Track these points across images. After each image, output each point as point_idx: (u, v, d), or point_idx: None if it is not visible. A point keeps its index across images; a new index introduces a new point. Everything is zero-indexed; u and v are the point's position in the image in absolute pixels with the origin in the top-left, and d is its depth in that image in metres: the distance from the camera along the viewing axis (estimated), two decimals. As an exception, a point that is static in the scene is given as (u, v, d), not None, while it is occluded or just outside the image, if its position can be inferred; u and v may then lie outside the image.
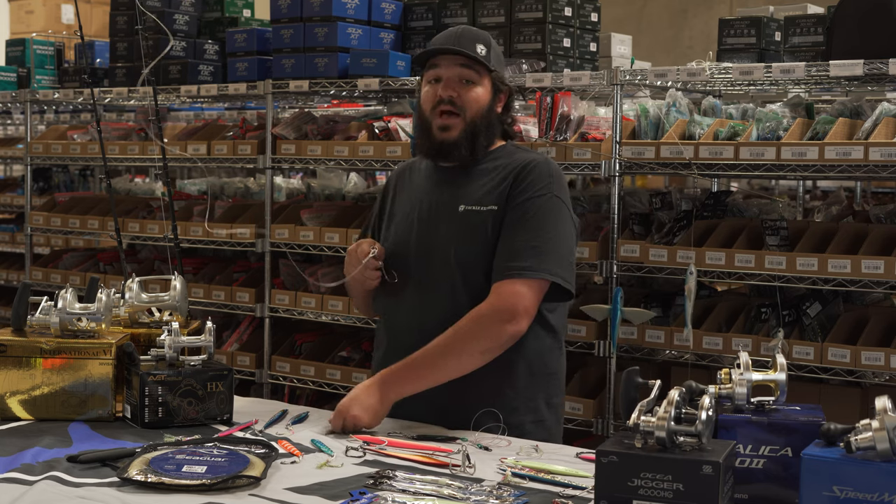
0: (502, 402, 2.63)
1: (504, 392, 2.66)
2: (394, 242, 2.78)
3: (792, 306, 3.90)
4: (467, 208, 2.69)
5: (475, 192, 2.71)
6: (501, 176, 2.70)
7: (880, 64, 3.52)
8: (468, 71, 2.69)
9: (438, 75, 2.71)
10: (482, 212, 2.67)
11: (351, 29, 4.61)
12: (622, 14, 10.40)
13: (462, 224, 2.68)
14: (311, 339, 4.92)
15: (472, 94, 2.70)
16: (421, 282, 2.71)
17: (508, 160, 2.73)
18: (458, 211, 2.69)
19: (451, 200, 2.72)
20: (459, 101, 2.68)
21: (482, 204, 2.68)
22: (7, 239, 7.07)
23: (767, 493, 1.97)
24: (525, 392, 2.69)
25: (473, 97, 2.70)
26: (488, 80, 2.72)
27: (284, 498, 2.04)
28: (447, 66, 2.70)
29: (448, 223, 2.70)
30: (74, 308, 2.59)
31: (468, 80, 2.69)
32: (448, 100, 2.68)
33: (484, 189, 2.70)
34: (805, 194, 6.38)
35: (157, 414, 2.50)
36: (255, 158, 4.82)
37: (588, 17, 4.57)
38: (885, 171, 3.54)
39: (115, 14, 5.50)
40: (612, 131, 3.95)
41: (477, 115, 2.70)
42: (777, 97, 4.93)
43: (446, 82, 2.69)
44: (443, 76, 2.70)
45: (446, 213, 2.71)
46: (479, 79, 2.70)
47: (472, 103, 2.69)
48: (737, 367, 2.05)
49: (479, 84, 2.70)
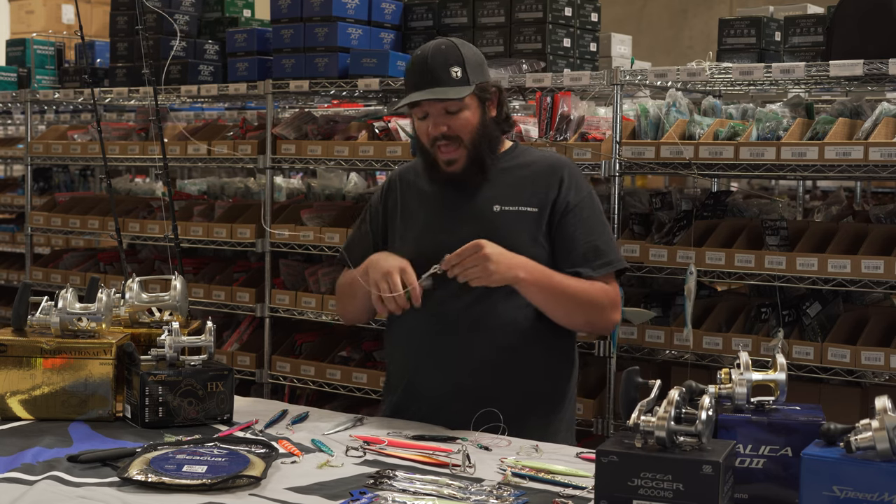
0: (554, 405, 2.75)
1: (562, 398, 2.79)
2: (420, 247, 2.73)
3: (792, 306, 3.90)
4: (504, 209, 2.70)
5: (507, 193, 2.72)
6: (532, 179, 2.74)
7: (880, 64, 3.52)
8: (450, 103, 2.68)
9: (424, 112, 2.71)
10: (522, 212, 2.70)
11: (351, 29, 4.61)
12: (622, 14, 10.40)
13: (500, 224, 2.69)
14: (311, 339, 4.92)
15: (461, 122, 2.70)
16: (461, 285, 2.64)
17: (530, 160, 2.79)
18: (492, 211, 2.70)
19: (482, 202, 2.72)
20: (452, 132, 2.69)
21: (519, 205, 2.70)
22: (7, 239, 7.07)
23: (767, 493, 1.97)
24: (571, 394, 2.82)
25: (463, 124, 2.70)
26: (472, 98, 2.71)
27: (285, 498, 2.04)
28: (427, 104, 2.70)
29: (482, 224, 2.69)
30: (75, 308, 2.59)
31: (452, 111, 2.69)
32: (441, 136, 2.69)
33: (516, 190, 2.72)
34: (805, 194, 6.39)
35: (158, 414, 2.50)
36: (256, 158, 4.82)
37: (588, 17, 4.57)
38: (884, 171, 3.54)
39: (116, 14, 5.50)
40: (612, 131, 3.95)
41: (474, 137, 2.71)
42: (777, 97, 4.93)
43: (433, 121, 2.70)
44: (428, 112, 2.70)
45: (478, 214, 2.71)
46: (462, 104, 2.69)
47: (464, 129, 2.70)
48: (737, 367, 2.05)
49: (464, 108, 2.69)
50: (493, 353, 2.67)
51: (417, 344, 2.73)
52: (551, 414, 2.75)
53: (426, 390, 2.70)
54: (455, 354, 2.68)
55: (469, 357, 2.67)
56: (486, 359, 2.67)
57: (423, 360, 2.72)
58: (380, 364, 4.61)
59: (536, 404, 2.72)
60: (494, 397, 2.61)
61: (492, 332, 2.67)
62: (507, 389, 2.67)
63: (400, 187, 2.87)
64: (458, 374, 2.67)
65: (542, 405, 2.73)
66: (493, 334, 2.67)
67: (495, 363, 2.68)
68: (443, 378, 2.68)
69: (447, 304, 2.67)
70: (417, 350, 2.73)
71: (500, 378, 2.68)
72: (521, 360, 2.70)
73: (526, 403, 2.69)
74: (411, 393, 2.74)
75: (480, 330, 2.67)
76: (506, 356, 2.68)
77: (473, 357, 2.67)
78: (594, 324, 2.77)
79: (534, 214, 2.70)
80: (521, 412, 2.65)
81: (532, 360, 2.71)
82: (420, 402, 2.70)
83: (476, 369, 2.67)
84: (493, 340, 2.67)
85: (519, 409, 2.66)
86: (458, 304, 2.67)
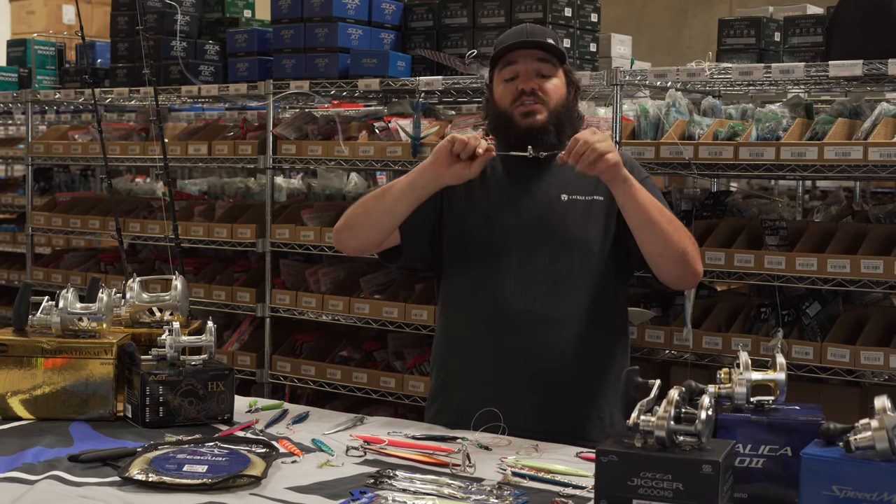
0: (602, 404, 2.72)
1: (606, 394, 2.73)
2: (482, 231, 2.70)
3: (791, 306, 3.90)
4: (571, 198, 2.70)
5: (573, 183, 2.70)
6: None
7: (879, 64, 3.52)
8: (544, 65, 2.71)
9: (515, 72, 2.71)
10: (589, 201, 2.69)
11: (351, 29, 4.61)
12: (622, 14, 10.41)
13: (568, 214, 2.68)
14: (311, 338, 4.93)
15: (551, 86, 2.71)
16: (543, 269, 2.65)
17: None
18: (560, 200, 2.69)
19: (549, 190, 2.71)
20: (541, 92, 2.69)
21: (585, 193, 2.70)
22: (8, 239, 7.07)
23: (767, 493, 1.98)
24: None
25: (553, 88, 2.71)
26: (562, 74, 2.75)
27: (285, 497, 2.04)
28: (523, 62, 2.70)
29: (549, 212, 2.68)
30: (75, 308, 2.60)
31: (544, 74, 2.71)
32: (530, 91, 2.68)
33: (581, 181, 2.68)
34: (804, 194, 6.39)
35: (158, 413, 2.51)
36: (256, 158, 4.83)
37: (588, 18, 4.57)
38: (884, 172, 3.54)
39: (116, 14, 5.50)
40: (612, 131, 3.95)
41: (558, 106, 2.71)
42: (777, 97, 4.94)
43: (524, 77, 2.70)
44: (520, 72, 2.71)
45: (545, 201, 2.70)
46: (554, 71, 2.73)
47: (552, 94, 2.71)
48: (736, 367, 2.06)
49: (556, 77, 2.73)
50: (563, 346, 2.65)
51: (480, 341, 2.69)
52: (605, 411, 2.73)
53: (491, 386, 2.66)
54: (522, 350, 2.65)
55: (537, 351, 2.65)
56: (553, 352, 2.65)
57: (487, 357, 2.68)
58: (380, 363, 4.62)
59: (597, 402, 2.70)
60: (566, 390, 2.62)
61: (558, 326, 2.65)
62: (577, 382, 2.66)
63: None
64: (526, 368, 2.65)
65: (600, 403, 2.72)
66: (559, 327, 2.65)
67: (564, 356, 2.66)
68: (515, 373, 2.65)
69: (516, 302, 2.66)
70: (481, 347, 2.69)
71: (571, 370, 2.66)
72: (586, 356, 2.68)
73: (587, 403, 2.68)
74: (477, 390, 2.67)
75: (548, 324, 2.65)
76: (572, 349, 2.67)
77: (542, 351, 2.65)
78: (687, 263, 2.61)
79: (601, 202, 2.70)
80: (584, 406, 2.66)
81: (594, 356, 2.70)
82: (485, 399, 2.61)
83: (544, 363, 2.65)
84: (560, 334, 2.65)
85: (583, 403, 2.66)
86: (522, 302, 2.66)
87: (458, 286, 2.77)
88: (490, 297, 2.68)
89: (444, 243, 2.78)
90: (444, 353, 2.82)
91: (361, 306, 4.51)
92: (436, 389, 2.83)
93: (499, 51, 2.74)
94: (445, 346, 2.82)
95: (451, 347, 2.80)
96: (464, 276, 2.74)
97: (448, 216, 2.77)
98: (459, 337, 2.77)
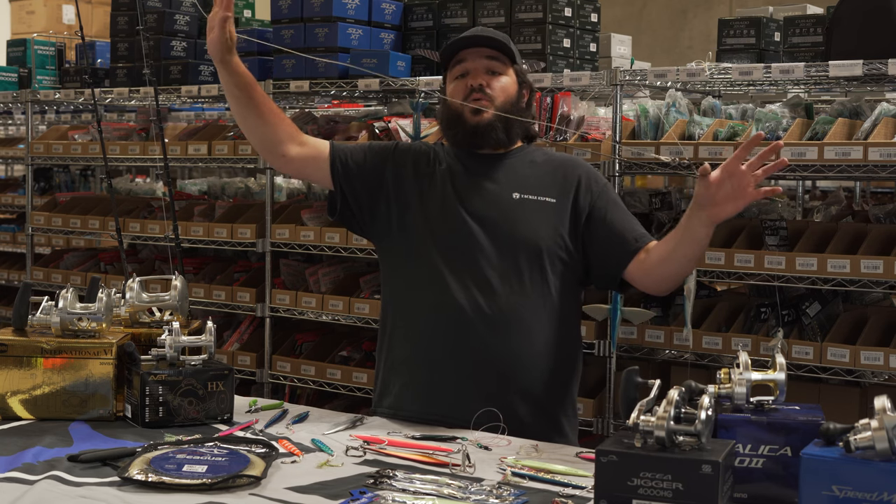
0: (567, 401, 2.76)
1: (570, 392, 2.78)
2: (437, 224, 2.70)
3: (791, 306, 3.90)
4: (522, 196, 2.71)
5: (525, 183, 2.72)
6: (549, 173, 2.75)
7: (879, 64, 3.52)
8: (494, 62, 2.74)
9: (465, 69, 2.74)
10: (539, 202, 2.71)
11: (351, 29, 4.61)
12: (622, 14, 10.41)
13: (520, 212, 2.69)
14: (311, 338, 4.93)
15: (500, 84, 2.74)
16: (491, 265, 2.65)
17: (545, 157, 2.81)
18: (512, 198, 2.70)
19: (501, 188, 2.72)
20: (489, 89, 2.72)
21: (537, 194, 2.71)
22: (8, 239, 7.07)
23: (767, 493, 1.97)
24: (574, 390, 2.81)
25: (501, 86, 2.74)
26: (513, 71, 2.77)
27: (285, 497, 2.04)
28: (473, 60, 2.74)
29: (502, 209, 2.69)
30: (75, 308, 2.60)
31: (494, 71, 2.74)
32: (478, 87, 2.71)
33: (533, 181, 2.72)
34: (804, 194, 6.39)
35: (158, 413, 2.50)
36: (256, 158, 4.82)
37: (588, 18, 4.57)
38: (884, 172, 3.55)
39: (116, 14, 5.51)
40: (612, 131, 3.95)
41: (507, 103, 2.73)
42: (777, 97, 4.94)
43: (473, 73, 2.73)
44: (469, 69, 2.74)
45: (497, 199, 2.71)
46: (504, 69, 2.75)
47: (500, 91, 2.73)
48: (736, 367, 2.06)
49: (506, 76, 2.75)
50: (514, 347, 2.64)
51: (430, 338, 2.68)
52: (559, 412, 2.73)
53: (439, 384, 2.65)
54: (472, 349, 2.64)
55: (486, 352, 2.64)
56: (504, 354, 2.64)
57: (439, 355, 2.67)
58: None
59: (544, 403, 2.70)
60: (505, 394, 2.61)
61: (505, 323, 2.64)
62: (520, 385, 2.65)
63: (425, 150, 2.83)
64: (474, 368, 2.64)
65: (549, 403, 2.71)
66: (506, 325, 2.64)
67: (514, 357, 2.65)
68: (457, 373, 2.64)
69: (462, 298, 2.64)
70: (430, 345, 2.68)
71: (516, 373, 2.65)
72: (534, 357, 2.67)
73: (534, 402, 2.68)
74: (428, 385, 2.67)
75: (495, 322, 2.64)
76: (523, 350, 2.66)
77: (490, 352, 2.64)
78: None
79: (552, 204, 2.71)
80: (528, 410, 2.65)
81: (543, 357, 2.68)
82: (433, 396, 2.65)
83: (493, 364, 2.64)
84: (507, 331, 2.64)
85: (527, 406, 2.65)
86: (474, 301, 2.64)
87: (403, 279, 2.76)
88: (436, 292, 2.66)
89: (392, 233, 2.77)
90: (388, 349, 2.80)
91: (361, 306, 4.51)
92: (381, 386, 2.81)
93: (448, 50, 2.79)
94: (389, 341, 2.79)
95: (395, 343, 2.77)
96: (409, 270, 2.74)
97: (395, 206, 2.77)
98: (404, 333, 2.75)
